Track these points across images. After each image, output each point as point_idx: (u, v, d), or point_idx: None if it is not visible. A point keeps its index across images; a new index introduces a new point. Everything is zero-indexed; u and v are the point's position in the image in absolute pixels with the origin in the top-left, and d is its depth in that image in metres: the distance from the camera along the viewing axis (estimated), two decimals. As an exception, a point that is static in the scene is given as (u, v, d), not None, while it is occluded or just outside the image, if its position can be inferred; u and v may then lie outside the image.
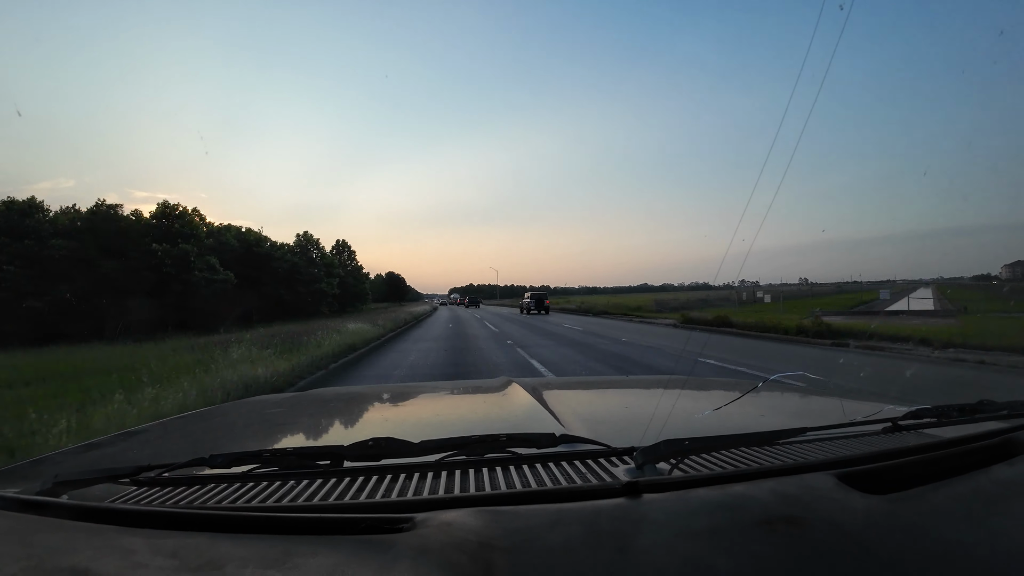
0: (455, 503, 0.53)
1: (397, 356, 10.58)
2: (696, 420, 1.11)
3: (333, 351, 10.07)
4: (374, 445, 0.69)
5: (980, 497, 0.54)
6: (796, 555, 0.42)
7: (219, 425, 1.25)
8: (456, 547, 0.43)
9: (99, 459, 0.93)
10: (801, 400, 1.40)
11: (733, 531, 0.46)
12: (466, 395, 1.65)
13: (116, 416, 4.54)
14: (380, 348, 12.61)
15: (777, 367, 7.63)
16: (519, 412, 1.23)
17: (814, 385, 1.64)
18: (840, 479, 0.55)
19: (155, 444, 1.08)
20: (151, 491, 0.65)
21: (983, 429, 0.76)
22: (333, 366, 9.02)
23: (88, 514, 0.53)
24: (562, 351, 10.38)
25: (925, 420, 0.82)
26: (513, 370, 7.89)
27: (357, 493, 0.62)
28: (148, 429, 1.21)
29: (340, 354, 10.17)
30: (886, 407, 1.07)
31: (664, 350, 10.22)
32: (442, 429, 1.17)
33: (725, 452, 0.72)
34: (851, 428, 0.82)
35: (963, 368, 7.33)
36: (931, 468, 0.61)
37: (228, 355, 9.03)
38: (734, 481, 0.57)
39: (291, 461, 0.70)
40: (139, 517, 0.52)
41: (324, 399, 1.59)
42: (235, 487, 0.65)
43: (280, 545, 0.46)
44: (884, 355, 8.83)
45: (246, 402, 1.61)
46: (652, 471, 0.63)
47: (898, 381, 6.11)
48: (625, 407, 1.44)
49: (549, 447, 0.73)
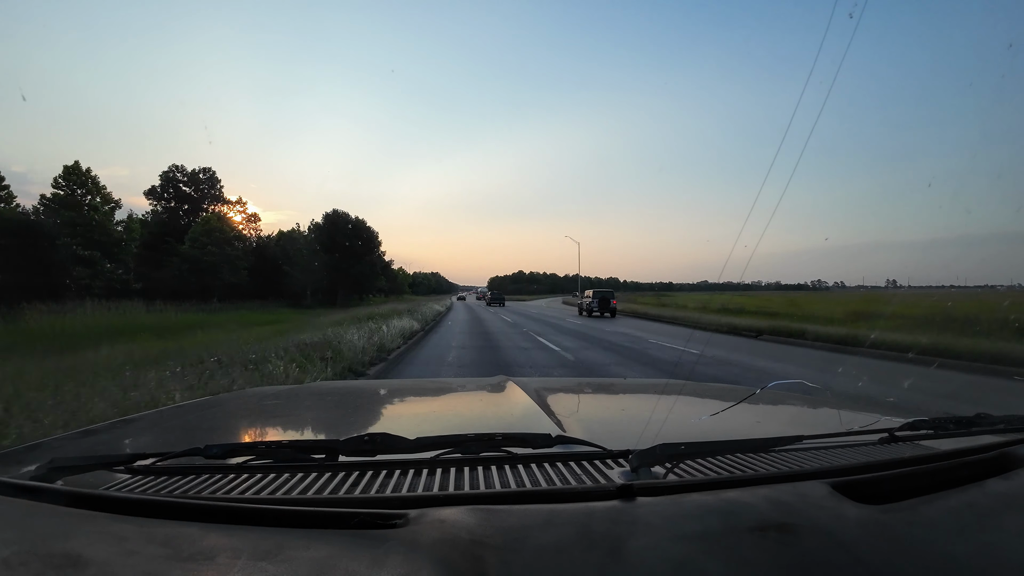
0: (449, 500, 0.53)
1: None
2: (692, 425, 1.11)
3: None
4: (369, 440, 0.69)
5: (974, 510, 0.54)
6: (788, 563, 0.42)
7: (215, 415, 1.25)
8: (449, 544, 0.43)
9: (95, 446, 0.93)
10: (798, 408, 1.40)
11: (726, 536, 0.46)
12: (463, 393, 1.65)
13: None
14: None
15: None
16: (516, 412, 1.23)
17: (812, 394, 1.64)
18: (834, 488, 0.55)
19: (151, 433, 1.08)
20: (146, 479, 0.65)
21: (979, 442, 0.76)
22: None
23: (82, 500, 0.54)
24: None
25: (921, 432, 0.82)
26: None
27: (351, 488, 0.62)
28: (144, 417, 1.22)
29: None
30: (883, 418, 1.07)
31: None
32: (438, 426, 1.18)
33: (720, 457, 0.72)
34: (847, 437, 0.82)
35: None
36: (926, 480, 0.61)
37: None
38: (728, 487, 0.57)
39: (286, 454, 0.70)
40: (133, 505, 0.52)
41: (321, 393, 1.59)
42: (229, 478, 0.65)
43: (273, 537, 0.46)
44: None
45: (243, 393, 1.62)
46: (647, 474, 0.63)
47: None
48: (622, 410, 1.44)
49: (544, 447, 0.73)
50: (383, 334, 9.84)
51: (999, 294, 17.12)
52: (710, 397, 1.55)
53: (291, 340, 8.57)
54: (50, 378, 4.84)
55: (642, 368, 8.17)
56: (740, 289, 79.14)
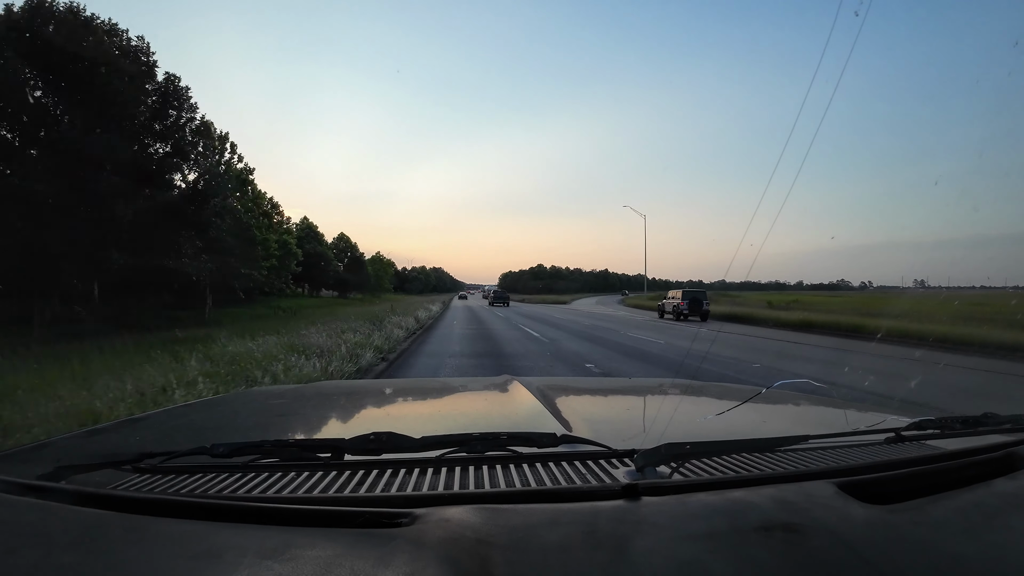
0: (454, 499, 0.53)
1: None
2: (698, 424, 1.10)
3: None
4: (375, 439, 0.69)
5: (981, 511, 0.54)
6: (793, 562, 0.42)
7: (222, 414, 1.26)
8: (454, 543, 0.43)
9: (102, 445, 0.94)
10: (804, 408, 1.39)
11: (731, 536, 0.46)
12: (468, 392, 1.65)
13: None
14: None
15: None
16: (521, 411, 1.23)
17: (818, 393, 1.63)
18: (840, 488, 0.55)
19: (158, 431, 1.08)
20: (152, 478, 0.66)
21: (986, 442, 0.76)
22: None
23: (89, 499, 0.54)
24: None
25: (928, 431, 0.82)
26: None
27: (357, 487, 0.62)
28: (151, 416, 1.22)
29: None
30: (889, 417, 1.06)
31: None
32: (443, 425, 1.18)
33: (726, 457, 0.72)
34: (853, 437, 0.82)
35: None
36: (932, 480, 0.61)
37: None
38: (734, 487, 0.57)
39: (292, 453, 0.70)
40: (140, 504, 0.53)
41: (326, 392, 1.59)
42: (236, 476, 0.66)
43: (279, 536, 0.46)
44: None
45: (249, 392, 1.62)
46: (652, 474, 0.63)
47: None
48: (627, 409, 1.44)
49: (550, 447, 0.73)
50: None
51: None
52: (715, 397, 1.55)
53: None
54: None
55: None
56: (740, 288, 77.37)
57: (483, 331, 14.53)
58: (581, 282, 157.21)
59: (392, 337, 10.49)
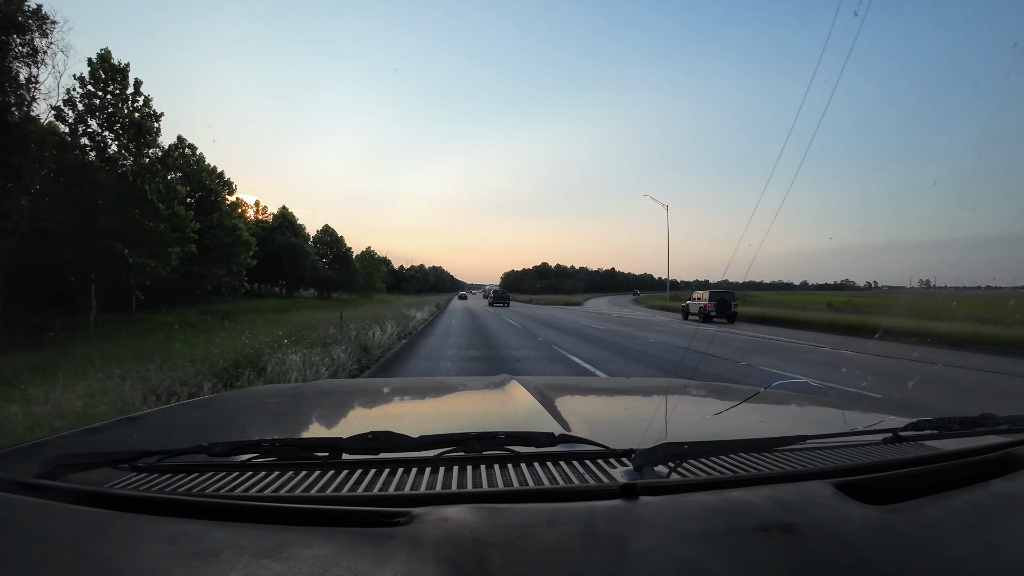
0: (452, 499, 0.53)
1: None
2: (696, 424, 1.10)
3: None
4: (373, 438, 0.69)
5: (978, 511, 0.54)
6: (791, 562, 0.42)
7: (220, 413, 1.25)
8: (452, 542, 0.43)
9: (100, 443, 0.94)
10: (802, 408, 1.39)
11: (729, 536, 0.46)
12: (466, 392, 1.65)
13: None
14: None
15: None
16: (519, 410, 1.23)
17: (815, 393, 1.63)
18: (838, 488, 0.55)
19: (156, 430, 1.08)
20: (150, 477, 0.66)
21: (983, 443, 0.76)
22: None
23: (87, 498, 0.54)
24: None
25: (926, 432, 0.82)
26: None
27: (355, 486, 0.62)
28: (149, 415, 1.22)
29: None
30: (887, 417, 1.06)
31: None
32: (441, 425, 1.18)
33: (724, 457, 0.72)
34: (851, 437, 0.82)
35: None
36: (930, 480, 0.61)
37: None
38: (731, 487, 0.57)
39: (290, 452, 0.70)
40: (137, 502, 0.52)
41: (324, 391, 1.59)
42: (233, 476, 0.66)
43: (276, 535, 0.46)
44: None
45: (247, 391, 1.62)
46: (650, 474, 0.63)
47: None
48: (625, 409, 1.44)
49: (548, 446, 0.73)
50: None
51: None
52: (713, 396, 1.55)
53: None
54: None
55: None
56: (746, 288, 77.00)
57: (492, 364, 7.80)
58: (588, 281, 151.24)
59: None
